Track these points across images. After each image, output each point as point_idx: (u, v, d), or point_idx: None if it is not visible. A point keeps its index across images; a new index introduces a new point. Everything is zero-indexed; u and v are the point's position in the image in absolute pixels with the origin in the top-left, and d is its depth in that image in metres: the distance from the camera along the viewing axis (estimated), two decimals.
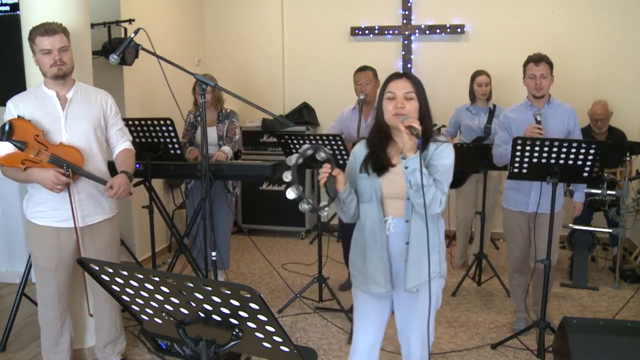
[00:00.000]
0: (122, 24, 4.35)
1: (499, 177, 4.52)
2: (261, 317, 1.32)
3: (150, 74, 4.55)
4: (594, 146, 2.79)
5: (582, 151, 2.81)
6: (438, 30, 5.54)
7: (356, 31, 5.72)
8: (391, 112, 2.07)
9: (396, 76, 2.12)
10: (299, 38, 5.92)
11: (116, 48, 2.68)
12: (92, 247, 2.77)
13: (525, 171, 2.98)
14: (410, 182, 1.98)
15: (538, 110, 3.20)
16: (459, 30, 5.49)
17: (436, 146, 2.10)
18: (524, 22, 5.36)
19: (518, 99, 5.28)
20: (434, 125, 4.06)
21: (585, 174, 2.90)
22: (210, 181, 2.89)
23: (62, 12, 2.89)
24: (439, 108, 4.95)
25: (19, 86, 2.89)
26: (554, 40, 5.19)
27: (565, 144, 2.81)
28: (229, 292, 1.28)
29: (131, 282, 1.42)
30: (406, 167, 1.98)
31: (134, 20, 4.34)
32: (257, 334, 1.39)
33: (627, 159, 4.14)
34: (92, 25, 3.78)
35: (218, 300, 1.32)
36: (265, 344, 1.43)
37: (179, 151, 3.58)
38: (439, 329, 3.55)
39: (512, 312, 3.82)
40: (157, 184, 5.04)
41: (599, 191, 4.16)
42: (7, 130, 2.48)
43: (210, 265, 3.07)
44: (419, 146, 1.96)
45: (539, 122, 3.13)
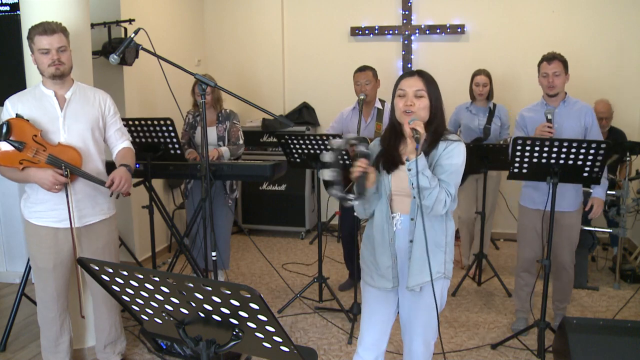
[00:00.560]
0: (122, 24, 4.35)
1: (498, 176, 4.52)
2: (261, 317, 1.32)
3: (150, 74, 4.55)
4: (593, 146, 2.79)
5: (582, 151, 2.81)
6: (438, 30, 5.54)
7: (356, 31, 5.72)
8: (401, 110, 2.10)
9: (409, 74, 2.15)
10: (299, 38, 5.92)
11: (116, 48, 2.67)
12: (90, 247, 2.77)
13: (525, 171, 2.98)
14: (412, 184, 2.01)
15: (550, 109, 3.21)
16: (459, 30, 5.49)
17: (446, 145, 2.10)
18: (524, 22, 5.37)
19: (518, 99, 5.33)
20: None
21: (586, 174, 2.90)
22: (210, 181, 2.88)
23: (62, 12, 2.89)
24: None
25: (19, 86, 2.89)
26: (553, 41, 5.19)
27: (565, 144, 2.81)
28: (229, 292, 1.28)
29: (131, 282, 1.42)
30: (409, 169, 2.00)
31: (134, 20, 4.34)
32: (257, 334, 1.39)
33: (627, 159, 4.14)
34: (92, 25, 3.79)
35: (218, 300, 1.32)
36: (265, 344, 1.42)
37: (179, 151, 3.58)
38: (439, 329, 3.55)
39: (512, 312, 3.82)
40: (157, 184, 5.04)
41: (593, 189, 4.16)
42: (4, 130, 2.48)
43: (210, 265, 3.07)
44: (416, 149, 1.97)
45: (549, 120, 3.13)
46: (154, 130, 3.50)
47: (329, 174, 2.01)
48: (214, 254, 2.88)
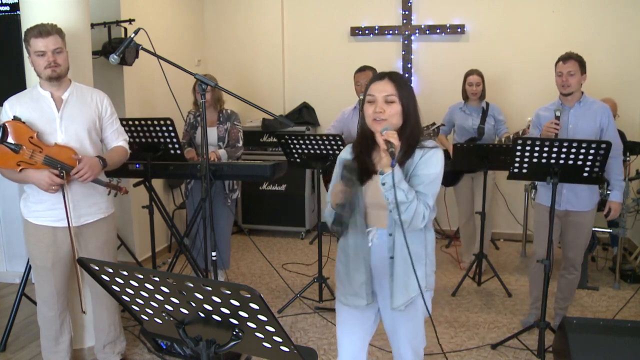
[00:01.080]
0: (122, 24, 4.35)
1: (492, 173, 4.53)
2: (261, 317, 1.32)
3: (150, 74, 4.55)
4: (593, 146, 2.79)
5: (582, 151, 2.81)
6: (438, 30, 5.54)
7: (356, 31, 5.72)
8: (371, 117, 1.93)
9: (378, 77, 1.98)
10: (299, 38, 5.92)
11: (116, 48, 2.67)
12: (88, 246, 2.78)
13: (525, 171, 2.98)
14: (388, 199, 1.85)
15: (559, 107, 3.21)
16: (459, 30, 5.49)
17: (422, 153, 1.93)
18: (524, 22, 5.37)
19: (517, 98, 5.33)
20: (432, 124, 4.06)
21: (585, 174, 2.90)
22: (210, 181, 2.88)
23: (62, 12, 2.89)
24: (438, 108, 5.00)
25: (19, 86, 2.89)
26: (553, 41, 5.20)
27: (565, 144, 2.82)
28: (229, 292, 1.28)
29: (131, 282, 1.42)
30: (383, 184, 1.83)
31: (134, 20, 4.34)
32: (257, 334, 1.39)
33: (627, 159, 4.14)
34: (92, 25, 3.79)
35: (218, 300, 1.32)
36: (265, 344, 1.43)
37: (179, 151, 3.58)
38: (439, 329, 3.55)
39: (512, 312, 3.83)
40: (157, 184, 5.04)
41: (599, 191, 4.15)
42: (1, 133, 2.49)
43: (210, 265, 3.07)
44: (392, 165, 1.80)
45: (557, 117, 3.13)
46: (154, 130, 3.50)
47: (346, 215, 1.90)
48: (214, 254, 2.89)
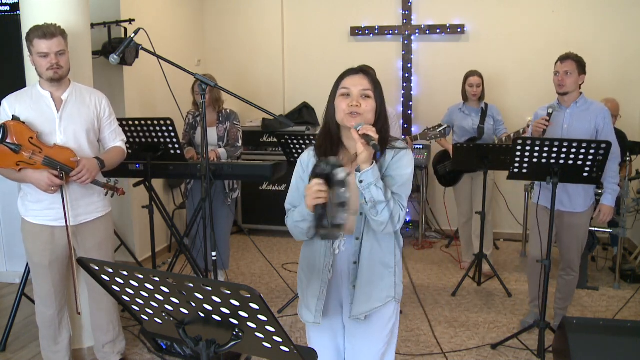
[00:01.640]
0: (122, 24, 4.35)
1: (492, 173, 4.53)
2: (261, 317, 1.31)
3: (150, 74, 4.55)
4: (593, 146, 2.79)
5: (582, 151, 2.81)
6: (438, 30, 5.54)
7: (356, 31, 5.72)
8: (345, 111, 1.78)
9: (352, 71, 1.85)
10: (299, 38, 5.92)
11: (116, 48, 2.67)
12: (86, 245, 2.78)
13: (525, 171, 2.98)
14: (365, 199, 1.72)
15: (553, 104, 3.23)
16: (459, 30, 5.49)
17: (394, 154, 1.83)
18: (524, 22, 5.37)
19: (517, 98, 5.33)
20: (439, 125, 4.06)
21: (585, 174, 2.90)
22: (210, 181, 2.88)
23: (62, 12, 2.89)
24: (438, 108, 5.00)
25: (19, 86, 2.89)
26: (553, 41, 5.20)
27: (565, 144, 2.82)
28: (229, 292, 1.28)
29: (131, 282, 1.42)
30: (360, 182, 1.71)
31: (134, 20, 4.34)
32: (257, 334, 1.39)
33: (627, 159, 4.15)
34: (92, 25, 3.78)
35: (218, 300, 1.32)
36: (265, 344, 1.42)
37: (179, 151, 3.58)
38: (439, 329, 3.56)
39: (512, 312, 3.83)
40: (157, 184, 5.04)
41: (599, 191, 4.16)
42: (1, 133, 2.49)
43: (210, 265, 3.07)
44: (376, 158, 1.70)
45: (549, 114, 3.14)
46: (154, 130, 3.50)
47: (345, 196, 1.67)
48: (214, 254, 2.89)
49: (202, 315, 1.42)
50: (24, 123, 2.55)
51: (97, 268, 1.44)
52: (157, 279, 1.36)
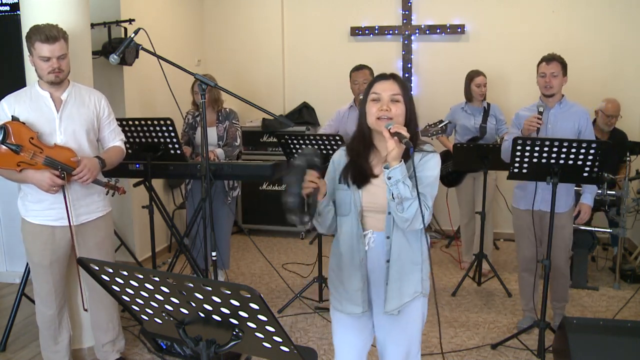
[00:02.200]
0: (122, 24, 4.35)
1: (494, 173, 4.52)
2: (261, 317, 1.32)
3: (150, 74, 4.55)
4: (594, 146, 2.79)
5: (582, 151, 2.81)
6: (438, 30, 5.54)
7: (356, 31, 5.72)
8: (375, 115, 1.89)
9: (382, 77, 1.95)
10: (299, 38, 5.92)
11: (116, 48, 2.67)
12: (86, 245, 2.78)
13: (525, 171, 2.98)
14: (392, 195, 1.81)
15: (542, 104, 3.22)
16: (459, 30, 5.49)
17: (421, 156, 1.92)
18: (524, 22, 5.37)
19: (517, 99, 5.32)
20: (440, 121, 4.07)
21: (585, 174, 2.90)
22: (210, 181, 2.89)
23: (62, 12, 2.89)
24: (438, 108, 5.00)
25: (19, 86, 2.89)
26: (553, 40, 5.19)
27: (565, 143, 2.82)
28: (229, 292, 1.28)
29: (131, 282, 1.42)
30: (389, 178, 1.80)
31: (134, 20, 4.34)
32: (257, 334, 1.39)
33: (628, 159, 4.14)
34: (92, 25, 3.78)
35: (218, 300, 1.32)
36: (265, 344, 1.42)
37: (179, 151, 3.58)
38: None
39: (512, 312, 3.83)
40: (157, 184, 5.04)
41: (599, 191, 4.16)
42: (2, 133, 2.48)
43: (210, 265, 3.07)
44: (411, 154, 1.77)
45: (540, 113, 3.14)
46: (154, 130, 3.50)
47: (292, 202, 1.77)
48: (214, 254, 2.89)
49: (202, 315, 1.42)
50: (24, 124, 2.55)
51: (97, 268, 1.44)
52: (157, 279, 1.36)
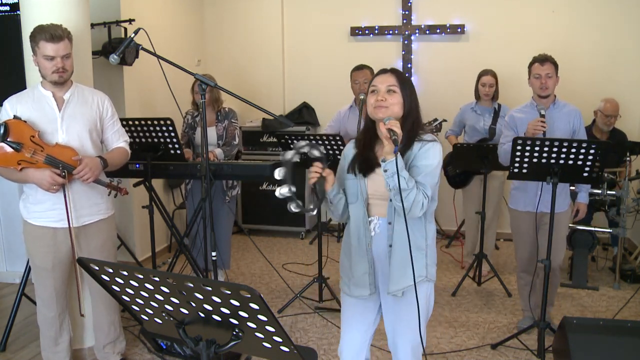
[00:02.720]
0: (122, 24, 4.35)
1: (503, 176, 4.50)
2: (261, 317, 1.32)
3: (150, 74, 4.54)
4: (594, 146, 2.79)
5: (582, 151, 2.81)
6: (438, 30, 5.54)
7: (356, 31, 5.72)
8: (372, 105, 2.04)
9: (382, 71, 2.10)
10: (299, 38, 5.92)
11: (116, 48, 2.67)
12: (88, 247, 2.77)
13: (525, 171, 2.98)
14: (389, 186, 1.94)
15: (542, 105, 3.22)
16: (459, 30, 5.49)
17: (421, 145, 2.04)
18: (524, 22, 5.37)
19: (518, 99, 5.30)
20: (434, 120, 4.07)
21: (585, 174, 2.90)
22: (210, 181, 2.89)
23: (62, 12, 2.89)
24: (438, 108, 4.99)
25: (19, 86, 2.89)
26: (554, 40, 5.19)
27: (565, 144, 2.82)
28: (229, 292, 1.28)
29: (131, 282, 1.42)
30: (385, 171, 1.93)
31: (134, 20, 4.34)
32: (257, 334, 1.39)
33: (627, 159, 4.14)
34: (92, 25, 3.78)
35: (218, 300, 1.32)
36: (265, 344, 1.43)
37: (179, 151, 3.58)
38: (439, 329, 3.56)
39: (512, 312, 3.83)
40: (157, 184, 5.04)
41: (599, 191, 4.16)
42: (2, 131, 2.48)
43: (210, 265, 3.07)
44: (395, 152, 1.89)
45: (542, 115, 3.14)
46: (154, 130, 3.50)
47: (283, 192, 1.94)
48: (214, 254, 2.89)
49: (202, 315, 1.43)
50: (25, 122, 2.54)
51: (97, 268, 1.44)
52: (157, 279, 1.36)
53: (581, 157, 2.83)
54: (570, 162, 2.85)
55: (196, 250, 3.93)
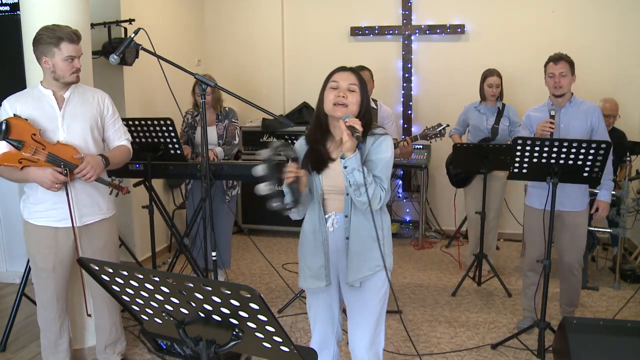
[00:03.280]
0: (122, 24, 4.35)
1: (504, 177, 4.49)
2: (261, 317, 1.32)
3: (150, 74, 4.55)
4: (594, 146, 2.79)
5: (582, 151, 2.81)
6: (438, 30, 5.54)
7: (356, 31, 5.72)
8: (332, 102, 2.04)
9: (342, 69, 2.13)
10: (299, 38, 5.92)
11: (116, 48, 2.67)
12: (90, 247, 2.77)
13: (525, 171, 2.98)
14: (349, 182, 1.97)
15: (554, 107, 3.21)
16: (459, 30, 5.49)
17: (374, 139, 2.07)
18: (524, 22, 5.37)
19: (518, 99, 5.33)
20: (438, 125, 4.09)
21: (585, 174, 2.90)
22: (210, 181, 2.88)
23: (62, 12, 2.89)
24: (438, 107, 5.00)
25: (19, 86, 2.89)
26: (554, 40, 5.19)
27: (565, 143, 2.82)
28: (229, 292, 1.28)
29: (131, 282, 1.42)
30: (345, 167, 1.96)
31: (134, 20, 4.34)
32: (257, 334, 1.39)
33: (627, 159, 4.14)
34: (92, 25, 3.79)
35: (218, 300, 1.32)
36: (265, 344, 1.43)
37: (179, 151, 3.58)
38: (439, 329, 3.56)
39: (512, 312, 3.83)
40: (157, 184, 5.04)
41: (597, 190, 4.15)
42: (3, 129, 2.47)
43: (211, 265, 3.07)
44: (359, 147, 1.95)
45: (552, 117, 3.13)
46: (154, 130, 3.50)
47: (265, 189, 1.99)
48: (214, 253, 2.89)
49: (202, 315, 1.43)
50: (26, 120, 2.54)
51: (97, 268, 1.44)
52: (157, 279, 1.36)
53: (581, 157, 2.83)
54: (571, 162, 2.85)
55: (196, 250, 3.93)
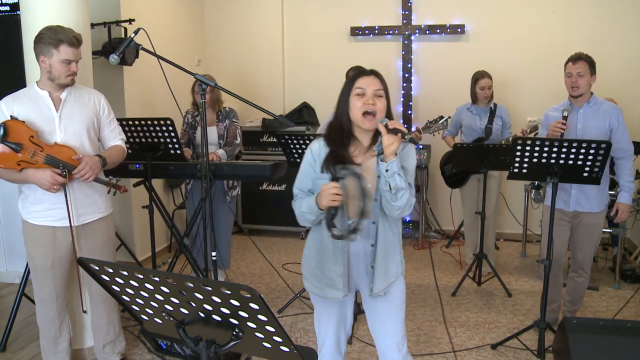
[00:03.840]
0: (122, 24, 4.35)
1: (500, 176, 4.50)
2: (261, 317, 1.32)
3: (150, 74, 4.55)
4: (593, 146, 2.79)
5: (582, 151, 2.81)
6: (438, 30, 5.54)
7: (356, 31, 5.72)
8: (360, 110, 1.99)
9: (365, 73, 2.06)
10: (299, 38, 5.92)
11: (116, 48, 2.67)
12: (87, 246, 2.78)
13: (525, 171, 2.98)
14: (389, 186, 1.92)
15: (567, 107, 3.20)
16: (459, 30, 5.49)
17: (402, 147, 2.03)
18: (524, 22, 5.37)
19: (518, 99, 5.33)
20: (440, 117, 4.09)
21: (585, 174, 2.90)
22: (210, 181, 2.88)
23: (62, 12, 2.89)
24: (439, 108, 5.00)
25: (19, 86, 2.88)
26: (553, 40, 5.20)
27: (565, 144, 2.82)
28: (229, 292, 1.28)
29: (131, 282, 1.43)
30: (387, 170, 1.92)
31: (134, 20, 4.34)
32: (257, 334, 1.39)
33: None
34: (92, 25, 3.79)
35: (218, 300, 1.32)
36: (265, 344, 1.43)
37: (179, 151, 3.58)
38: (439, 329, 3.56)
39: (512, 312, 3.83)
40: (157, 184, 5.04)
41: (612, 193, 4.15)
42: (1, 132, 2.48)
43: (210, 265, 3.07)
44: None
45: (565, 117, 3.12)
46: (154, 130, 3.50)
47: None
48: (214, 254, 2.89)
49: (202, 315, 1.43)
50: (23, 122, 2.54)
51: (97, 268, 1.44)
52: (157, 279, 1.36)
53: (581, 157, 2.82)
54: (570, 162, 2.85)
55: (196, 250, 3.93)
